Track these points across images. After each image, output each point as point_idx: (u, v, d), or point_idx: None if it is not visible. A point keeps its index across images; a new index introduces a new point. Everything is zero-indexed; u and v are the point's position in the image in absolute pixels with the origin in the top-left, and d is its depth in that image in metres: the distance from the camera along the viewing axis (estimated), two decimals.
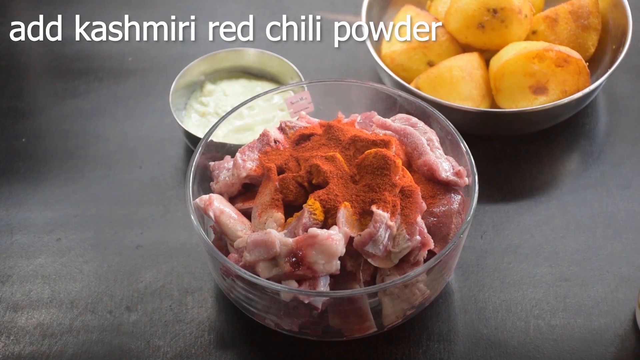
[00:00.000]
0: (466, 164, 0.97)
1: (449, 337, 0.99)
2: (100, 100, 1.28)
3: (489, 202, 1.12)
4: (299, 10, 1.41)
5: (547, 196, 1.13)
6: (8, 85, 1.30)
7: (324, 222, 0.90)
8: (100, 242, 1.09)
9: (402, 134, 0.98)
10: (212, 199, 0.95)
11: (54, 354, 0.99)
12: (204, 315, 1.02)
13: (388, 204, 0.89)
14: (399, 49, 1.21)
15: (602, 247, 1.07)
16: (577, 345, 0.98)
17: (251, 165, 0.97)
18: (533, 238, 1.08)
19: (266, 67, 1.25)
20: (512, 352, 0.97)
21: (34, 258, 1.08)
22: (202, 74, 1.24)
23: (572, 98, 1.12)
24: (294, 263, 0.87)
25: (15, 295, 1.04)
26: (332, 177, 0.92)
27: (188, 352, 0.99)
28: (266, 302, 0.92)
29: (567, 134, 1.20)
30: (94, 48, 1.35)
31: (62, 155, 1.20)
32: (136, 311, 1.02)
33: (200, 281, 1.05)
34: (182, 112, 1.21)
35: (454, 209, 0.93)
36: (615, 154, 1.18)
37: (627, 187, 1.13)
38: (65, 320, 1.02)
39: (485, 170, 1.13)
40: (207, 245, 0.92)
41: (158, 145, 1.21)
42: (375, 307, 0.92)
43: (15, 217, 1.12)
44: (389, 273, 0.90)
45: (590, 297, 1.02)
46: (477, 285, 1.04)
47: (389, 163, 0.91)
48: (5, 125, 1.24)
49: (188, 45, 1.35)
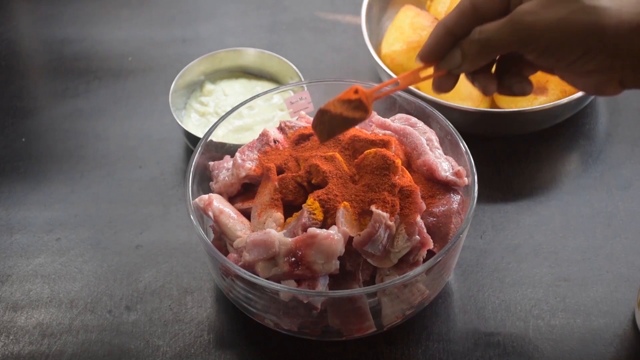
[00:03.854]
0: (466, 163, 0.97)
1: (448, 337, 0.99)
2: (100, 100, 1.28)
3: (488, 202, 1.12)
4: (299, 10, 1.41)
5: (547, 196, 1.13)
6: (8, 85, 1.30)
7: (323, 222, 0.90)
8: (100, 241, 1.09)
9: (402, 133, 0.99)
10: (212, 198, 0.95)
11: (54, 353, 0.99)
12: (204, 315, 1.02)
13: (387, 204, 0.89)
14: (399, 49, 1.21)
15: (602, 247, 1.07)
16: (577, 345, 0.98)
17: (251, 165, 0.97)
18: (533, 238, 1.08)
19: (266, 66, 1.25)
20: (512, 352, 0.97)
21: (34, 258, 1.08)
22: (201, 74, 1.24)
23: (572, 98, 1.12)
24: (293, 263, 0.87)
25: (14, 294, 1.05)
26: (332, 177, 0.92)
27: (187, 351, 0.99)
28: (265, 302, 0.92)
29: (567, 134, 1.20)
30: (93, 48, 1.36)
31: (62, 155, 1.20)
32: (136, 311, 1.02)
33: (199, 281, 1.05)
34: (181, 111, 1.21)
35: (453, 208, 0.93)
36: (615, 154, 1.17)
37: (627, 187, 1.13)
38: (64, 320, 1.02)
39: (485, 170, 1.13)
40: (206, 245, 0.92)
41: (158, 145, 1.21)
42: (374, 307, 0.92)
43: (14, 216, 1.12)
44: (388, 273, 0.90)
45: (590, 297, 1.02)
46: (477, 285, 1.04)
47: (388, 163, 0.91)
48: (5, 125, 1.24)
49: (188, 45, 1.35)
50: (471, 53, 0.78)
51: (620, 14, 0.74)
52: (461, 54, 0.78)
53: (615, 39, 0.74)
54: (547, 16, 0.75)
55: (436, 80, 0.81)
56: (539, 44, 0.75)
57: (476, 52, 0.78)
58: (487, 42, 0.77)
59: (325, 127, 0.84)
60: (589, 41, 0.75)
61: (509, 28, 0.76)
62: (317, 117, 0.84)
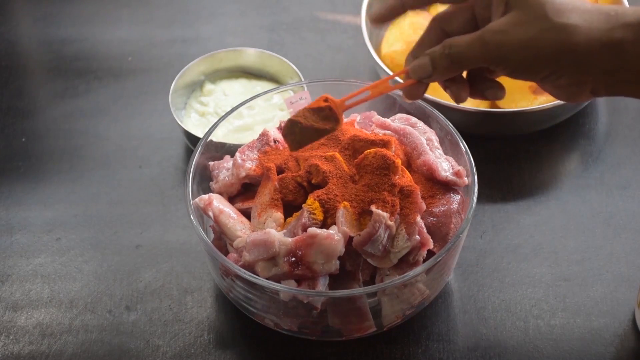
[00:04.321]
0: (466, 163, 0.97)
1: (448, 337, 0.99)
2: (100, 100, 1.28)
3: (488, 202, 1.12)
4: (299, 10, 1.41)
5: (547, 196, 1.13)
6: (8, 85, 1.30)
7: (323, 222, 0.90)
8: (100, 241, 1.09)
9: (402, 133, 0.99)
10: (212, 198, 0.95)
11: (54, 353, 0.99)
12: (204, 314, 1.02)
13: (387, 204, 0.89)
14: (399, 49, 1.21)
15: (602, 247, 1.07)
16: (577, 345, 0.98)
17: (251, 165, 0.97)
18: (532, 238, 1.08)
19: (266, 66, 1.25)
20: (512, 352, 0.97)
21: (34, 257, 1.08)
22: (201, 74, 1.24)
23: None
24: (293, 263, 0.87)
25: (14, 294, 1.05)
26: (332, 177, 0.92)
27: (187, 351, 0.99)
28: (265, 302, 0.92)
29: (567, 134, 1.20)
30: (93, 48, 1.36)
31: (62, 155, 1.20)
32: (135, 311, 1.02)
33: (199, 281, 1.05)
34: (181, 111, 1.21)
35: (453, 208, 0.93)
36: (615, 154, 1.18)
37: (627, 187, 1.13)
38: (64, 319, 1.02)
39: (485, 170, 1.13)
40: (206, 245, 0.92)
41: (158, 145, 1.21)
42: (374, 306, 0.92)
43: (14, 216, 1.12)
44: (388, 273, 0.90)
45: (590, 297, 1.02)
46: (477, 285, 1.04)
47: (388, 163, 0.91)
48: (5, 125, 1.24)
49: (188, 45, 1.35)
50: (441, 66, 0.79)
51: (590, 32, 0.74)
52: (431, 65, 0.79)
53: (586, 57, 0.75)
54: (517, 36, 0.75)
55: (407, 88, 0.83)
56: (510, 63, 0.76)
57: (446, 66, 0.79)
58: (457, 59, 0.78)
59: (295, 138, 0.85)
60: (560, 59, 0.75)
61: (479, 46, 0.77)
62: (287, 126, 0.85)
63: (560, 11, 0.75)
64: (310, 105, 0.85)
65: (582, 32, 0.74)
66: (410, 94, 0.83)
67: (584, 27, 0.74)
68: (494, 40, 0.76)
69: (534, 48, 0.75)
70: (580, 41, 0.74)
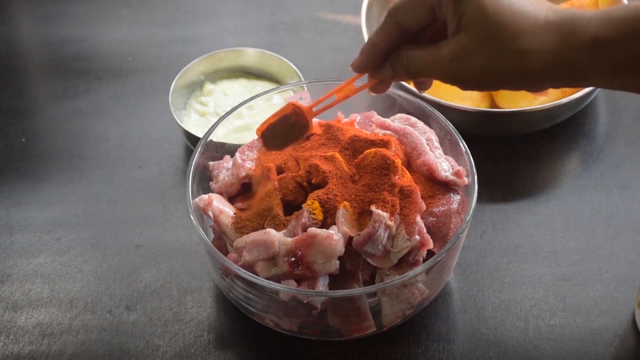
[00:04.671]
0: (465, 163, 0.97)
1: (448, 337, 0.99)
2: (100, 100, 1.28)
3: (488, 201, 1.12)
4: (299, 10, 1.41)
5: (547, 196, 1.13)
6: (8, 85, 1.30)
7: (323, 221, 0.90)
8: (100, 241, 1.09)
9: (402, 133, 0.99)
10: (212, 198, 0.95)
11: (53, 353, 0.99)
12: (204, 314, 1.02)
13: (387, 204, 0.89)
14: None
15: (602, 247, 1.07)
16: (576, 345, 0.98)
17: (250, 165, 0.97)
18: (532, 238, 1.08)
19: (266, 66, 1.25)
20: (511, 352, 0.97)
21: (34, 257, 1.08)
22: (201, 74, 1.24)
23: (572, 98, 1.12)
24: (293, 263, 0.87)
25: (14, 294, 1.05)
26: (332, 177, 0.92)
27: (187, 351, 0.99)
28: (265, 302, 0.92)
29: (567, 134, 1.20)
30: (93, 48, 1.36)
31: (62, 155, 1.20)
32: (135, 311, 1.02)
33: (199, 281, 1.05)
34: (181, 111, 1.21)
35: (453, 208, 0.93)
36: (615, 154, 1.17)
37: (627, 187, 1.13)
38: (64, 319, 1.02)
39: (485, 170, 1.13)
40: (206, 244, 0.92)
41: (158, 145, 1.21)
42: (374, 306, 0.92)
43: (14, 216, 1.12)
44: (388, 273, 0.90)
45: (590, 297, 1.02)
46: (477, 285, 1.04)
47: (388, 163, 0.91)
48: (5, 125, 1.24)
49: (188, 45, 1.35)
50: (400, 75, 0.82)
51: (545, 55, 0.75)
52: (392, 71, 0.83)
53: (542, 77, 0.76)
54: (472, 62, 0.76)
55: (371, 86, 0.87)
56: (469, 85, 0.79)
57: (405, 76, 0.82)
58: (416, 74, 0.81)
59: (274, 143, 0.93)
60: (517, 80, 0.77)
61: (436, 70, 0.79)
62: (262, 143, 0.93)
63: (515, 35, 0.74)
64: (276, 114, 0.90)
65: (537, 56, 0.75)
66: (375, 90, 0.87)
67: (539, 51, 0.74)
68: (450, 69, 0.78)
69: (489, 74, 0.76)
70: (536, 66, 0.75)
